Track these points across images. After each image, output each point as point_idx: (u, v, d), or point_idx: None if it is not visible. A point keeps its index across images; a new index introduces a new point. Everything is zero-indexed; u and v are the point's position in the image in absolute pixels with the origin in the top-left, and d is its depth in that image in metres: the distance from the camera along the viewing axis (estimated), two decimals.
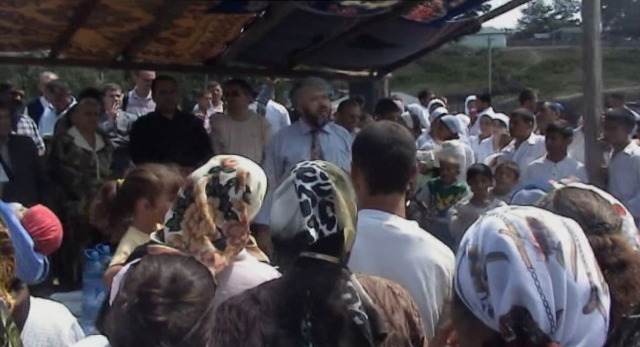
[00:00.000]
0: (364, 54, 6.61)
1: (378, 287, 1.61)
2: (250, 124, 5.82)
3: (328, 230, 1.51)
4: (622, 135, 5.06)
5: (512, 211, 1.18)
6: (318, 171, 1.58)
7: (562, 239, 1.11)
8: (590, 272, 1.12)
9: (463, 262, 1.16)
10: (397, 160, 2.05)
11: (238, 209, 1.87)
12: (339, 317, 1.46)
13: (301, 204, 1.52)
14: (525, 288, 1.06)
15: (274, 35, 5.47)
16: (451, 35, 6.82)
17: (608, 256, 1.37)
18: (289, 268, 1.54)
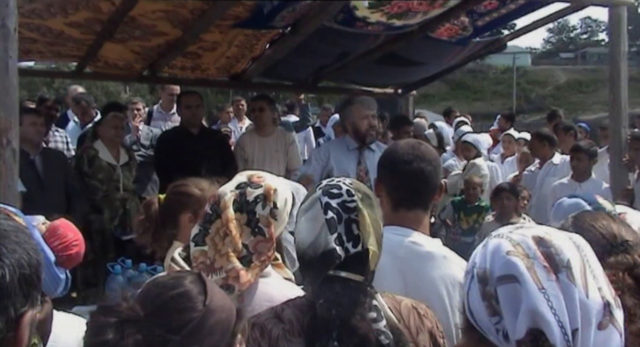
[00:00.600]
0: (389, 71, 6.62)
1: (403, 307, 1.60)
2: (274, 140, 5.86)
3: (353, 248, 1.50)
4: None
5: (517, 230, 1.16)
6: (344, 188, 1.57)
7: (570, 256, 1.10)
8: (602, 287, 1.10)
9: (473, 286, 1.15)
10: (418, 176, 2.05)
11: (265, 225, 1.87)
12: (365, 336, 1.44)
13: (327, 221, 1.51)
14: (538, 310, 1.04)
15: (300, 51, 5.51)
16: (477, 53, 6.81)
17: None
18: (314, 286, 1.53)
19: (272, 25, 4.92)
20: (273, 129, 5.99)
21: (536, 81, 67.08)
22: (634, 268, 1.38)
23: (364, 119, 4.67)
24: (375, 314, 1.48)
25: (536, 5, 5.25)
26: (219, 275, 1.81)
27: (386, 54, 5.96)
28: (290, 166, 5.87)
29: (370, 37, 5.48)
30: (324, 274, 1.49)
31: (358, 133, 4.70)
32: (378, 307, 1.50)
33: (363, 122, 4.67)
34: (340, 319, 1.45)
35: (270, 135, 5.87)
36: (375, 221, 1.56)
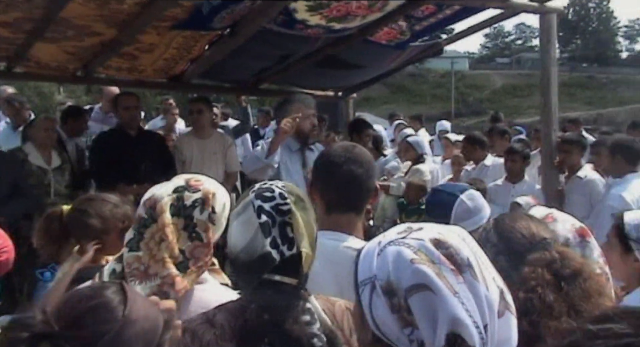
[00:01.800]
0: (329, 74, 6.66)
1: (337, 308, 1.60)
2: (213, 142, 5.79)
3: (288, 251, 1.49)
4: (576, 158, 5.19)
5: (410, 235, 1.14)
6: (277, 191, 1.56)
7: (466, 253, 1.10)
8: (494, 276, 1.11)
9: (377, 299, 1.11)
10: (350, 179, 2.04)
11: (203, 230, 1.83)
12: (298, 340, 1.43)
13: (261, 224, 1.50)
14: (456, 315, 1.04)
15: (240, 53, 5.47)
16: (415, 57, 6.92)
17: (561, 267, 1.40)
18: (247, 290, 1.52)
19: (211, 27, 4.87)
20: (211, 132, 5.93)
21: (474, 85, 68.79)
22: (552, 264, 1.41)
23: (306, 119, 4.55)
24: (308, 317, 1.47)
25: (471, 11, 5.38)
26: (154, 281, 1.76)
27: (326, 56, 6.00)
28: (229, 169, 5.81)
29: (311, 39, 5.50)
30: (259, 278, 1.48)
31: (301, 133, 4.57)
32: (312, 310, 1.49)
33: (305, 122, 4.55)
34: (273, 323, 1.43)
35: (208, 137, 5.80)
36: (309, 223, 1.55)
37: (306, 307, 1.49)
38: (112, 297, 1.17)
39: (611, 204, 4.34)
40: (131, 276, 1.77)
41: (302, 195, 1.61)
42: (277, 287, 1.48)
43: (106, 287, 1.20)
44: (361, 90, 7.93)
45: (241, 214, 1.55)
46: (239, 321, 1.47)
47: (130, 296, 1.20)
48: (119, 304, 1.16)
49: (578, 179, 5.16)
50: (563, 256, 1.44)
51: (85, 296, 1.18)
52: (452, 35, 7.13)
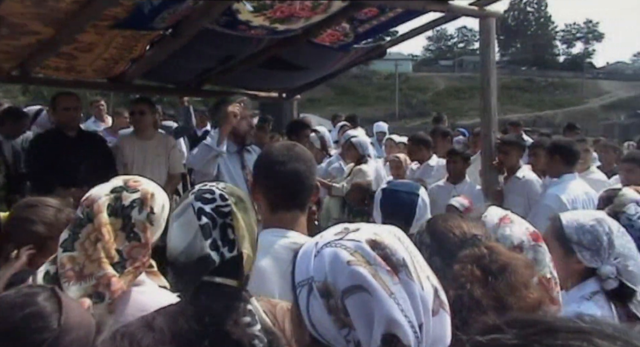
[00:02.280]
0: (273, 75, 6.65)
1: (278, 310, 1.60)
2: (155, 144, 5.70)
3: (229, 253, 1.48)
4: (514, 159, 5.32)
5: (347, 236, 1.15)
6: (217, 193, 1.55)
7: (402, 253, 1.12)
8: (429, 275, 1.13)
9: (314, 301, 1.11)
10: (294, 177, 2.08)
11: (141, 230, 1.82)
12: (238, 342, 1.42)
13: (201, 226, 1.49)
14: (393, 316, 1.05)
15: (182, 54, 5.40)
16: (359, 59, 6.98)
17: (489, 262, 1.42)
18: (187, 293, 1.50)
19: (152, 27, 4.80)
20: (153, 133, 5.83)
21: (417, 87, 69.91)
22: (481, 259, 1.43)
23: (242, 120, 4.52)
24: (249, 319, 1.47)
25: (413, 14, 5.46)
26: (89, 282, 1.74)
27: (270, 58, 5.99)
28: (172, 171, 5.73)
29: (254, 40, 5.48)
30: (199, 281, 1.47)
31: (238, 135, 4.54)
32: (253, 312, 1.49)
33: (242, 123, 4.51)
34: (213, 325, 1.42)
35: (150, 139, 5.70)
36: (250, 224, 1.55)
37: (247, 308, 1.48)
38: (45, 304, 1.14)
39: (548, 204, 4.46)
40: (65, 277, 1.73)
41: (243, 196, 1.60)
42: (218, 289, 1.47)
43: (37, 294, 1.17)
44: (305, 92, 7.95)
45: (181, 216, 1.53)
46: (178, 324, 1.45)
47: (64, 302, 1.17)
48: (53, 312, 1.13)
49: (516, 179, 5.29)
50: (491, 251, 1.46)
51: (17, 305, 1.14)
52: (395, 38, 7.22)
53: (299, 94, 7.73)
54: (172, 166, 5.74)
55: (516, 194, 5.22)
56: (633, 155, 4.95)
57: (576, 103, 68.78)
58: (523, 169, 5.35)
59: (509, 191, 5.28)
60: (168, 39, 5.14)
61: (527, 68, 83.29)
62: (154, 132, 5.89)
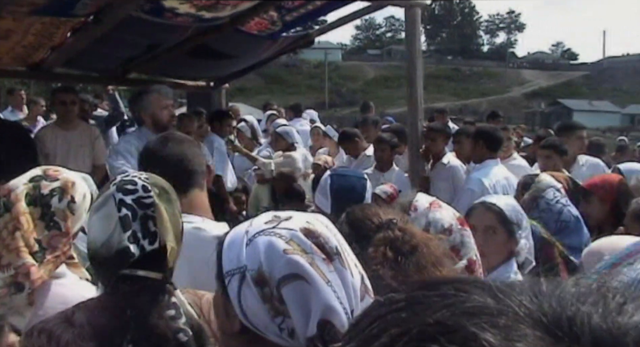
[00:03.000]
0: (201, 64, 6.56)
1: (204, 302, 1.58)
2: (79, 134, 5.57)
3: (150, 245, 1.45)
4: (440, 146, 5.46)
5: (280, 224, 1.15)
6: (140, 183, 1.51)
7: (334, 241, 1.14)
8: (356, 263, 1.16)
9: (245, 289, 1.11)
10: (175, 160, 2.09)
11: (62, 219, 1.78)
12: (162, 335, 1.40)
13: (121, 218, 1.45)
14: (330, 304, 1.07)
15: (106, 41, 5.25)
16: (287, 48, 6.97)
17: (400, 244, 1.47)
18: (109, 287, 1.47)
19: (74, 14, 4.64)
20: (77, 123, 5.67)
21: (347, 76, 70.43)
22: (394, 241, 1.48)
23: (164, 109, 4.39)
24: (174, 312, 1.44)
25: (340, 3, 5.49)
26: (7, 272, 1.69)
27: (197, 46, 5.90)
28: (96, 161, 5.60)
29: (180, 28, 5.38)
30: (118, 274, 1.43)
31: (159, 124, 4.40)
32: (177, 305, 1.47)
33: (164, 113, 4.39)
34: (136, 319, 1.40)
35: (74, 129, 5.55)
36: (174, 215, 1.52)
37: (171, 301, 1.46)
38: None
39: (471, 188, 4.59)
40: None
41: (167, 187, 1.58)
42: (141, 282, 1.44)
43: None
44: (234, 81, 7.89)
45: (101, 208, 1.49)
46: (99, 319, 1.42)
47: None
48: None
49: (442, 165, 5.43)
50: (404, 233, 1.50)
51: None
52: (323, 27, 7.25)
53: (227, 82, 7.66)
54: (96, 157, 5.62)
55: (442, 180, 5.35)
56: (551, 142, 5.14)
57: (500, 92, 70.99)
58: (448, 156, 5.49)
59: (434, 177, 5.40)
60: (90, 26, 4.98)
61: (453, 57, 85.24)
62: (78, 122, 5.74)
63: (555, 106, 60.25)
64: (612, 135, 32.26)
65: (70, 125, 5.56)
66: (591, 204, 3.57)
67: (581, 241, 3.13)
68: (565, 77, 78.79)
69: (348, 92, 63.37)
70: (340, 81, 67.14)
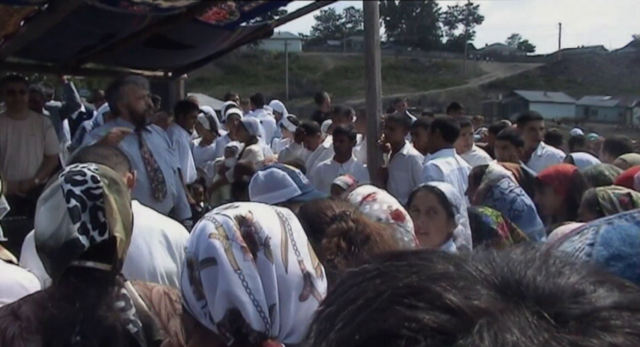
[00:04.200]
0: (158, 54, 6.48)
1: (154, 293, 1.57)
2: (29, 124, 5.45)
3: (100, 236, 1.44)
4: (399, 136, 5.50)
5: (224, 210, 1.17)
6: (89, 174, 1.49)
7: (270, 233, 1.13)
8: (303, 260, 1.15)
9: (184, 272, 1.14)
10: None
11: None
12: (111, 327, 1.39)
13: (70, 209, 1.43)
14: (233, 291, 1.07)
15: (60, 30, 5.15)
16: (246, 38, 6.93)
17: (354, 235, 1.48)
18: (57, 279, 1.44)
19: (26, 2, 4.54)
20: (27, 113, 5.56)
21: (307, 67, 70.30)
22: (347, 232, 1.49)
23: (140, 100, 4.34)
24: (123, 303, 1.44)
25: None
26: None
27: (154, 36, 5.83)
28: (48, 151, 5.50)
29: (136, 18, 5.31)
30: (67, 265, 1.41)
31: (135, 114, 4.36)
32: (127, 296, 1.46)
33: (140, 103, 4.34)
34: (84, 311, 1.38)
35: (24, 118, 5.44)
36: (124, 206, 1.51)
37: (121, 293, 1.45)
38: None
39: (430, 175, 4.60)
40: None
41: (117, 178, 1.56)
42: (89, 273, 1.43)
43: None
44: (193, 71, 7.81)
45: (49, 199, 1.47)
46: (46, 312, 1.40)
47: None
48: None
49: (401, 156, 5.47)
50: (357, 224, 1.52)
51: None
52: (283, 17, 7.23)
53: (186, 73, 7.59)
54: (47, 147, 5.52)
55: (401, 170, 5.40)
56: (507, 133, 5.23)
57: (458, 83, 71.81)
58: (407, 146, 5.53)
59: (393, 168, 5.45)
60: (44, 15, 4.87)
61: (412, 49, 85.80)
62: (28, 112, 5.62)
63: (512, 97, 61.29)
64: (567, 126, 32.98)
65: (20, 114, 5.44)
66: (545, 194, 3.64)
67: (534, 230, 3.21)
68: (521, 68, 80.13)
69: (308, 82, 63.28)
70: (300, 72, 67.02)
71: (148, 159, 4.30)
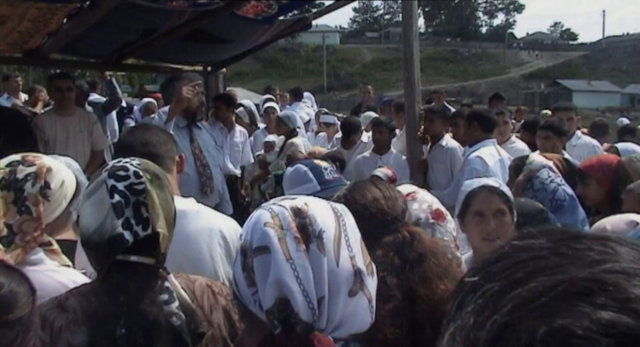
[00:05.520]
0: (197, 48, 6.54)
1: (197, 286, 1.59)
2: (77, 120, 5.59)
3: (143, 231, 1.45)
4: (439, 127, 5.45)
5: (280, 201, 1.19)
6: (132, 170, 1.51)
7: (324, 226, 1.13)
8: (354, 256, 1.15)
9: (237, 258, 1.16)
10: (145, 142, 2.14)
11: (33, 203, 1.78)
12: (155, 320, 1.41)
13: (113, 205, 1.44)
14: (284, 280, 1.07)
15: (102, 27, 5.24)
16: (284, 31, 6.94)
17: (409, 251, 1.44)
18: (102, 273, 1.47)
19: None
20: (75, 109, 5.70)
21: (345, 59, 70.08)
22: (402, 247, 1.46)
23: (195, 97, 4.43)
24: (167, 296, 1.45)
25: None
26: None
27: (194, 31, 5.88)
28: (94, 147, 5.62)
29: (175, 13, 5.36)
30: (111, 260, 1.43)
31: (188, 110, 4.47)
32: (170, 289, 1.47)
33: (194, 100, 4.43)
34: (129, 304, 1.40)
35: (72, 115, 5.57)
36: (166, 201, 1.52)
37: (164, 286, 1.47)
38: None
39: (475, 168, 4.54)
40: None
41: (159, 172, 1.57)
42: (133, 267, 1.45)
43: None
44: (232, 65, 7.86)
45: (93, 194, 1.48)
46: (92, 304, 1.43)
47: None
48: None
49: (440, 147, 5.42)
50: (413, 237, 1.49)
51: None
52: (320, 9, 7.20)
53: (224, 67, 7.64)
54: (94, 142, 5.65)
55: (439, 162, 5.35)
56: (550, 123, 5.13)
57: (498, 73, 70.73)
58: (446, 138, 5.48)
59: (432, 159, 5.40)
60: (86, 12, 4.96)
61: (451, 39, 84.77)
62: (75, 108, 5.76)
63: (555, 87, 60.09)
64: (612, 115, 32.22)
65: (68, 111, 5.59)
66: (588, 185, 3.55)
67: (576, 220, 3.15)
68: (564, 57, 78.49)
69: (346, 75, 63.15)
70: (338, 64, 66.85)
71: (198, 155, 4.39)
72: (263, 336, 1.10)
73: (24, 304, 1.35)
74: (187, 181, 4.27)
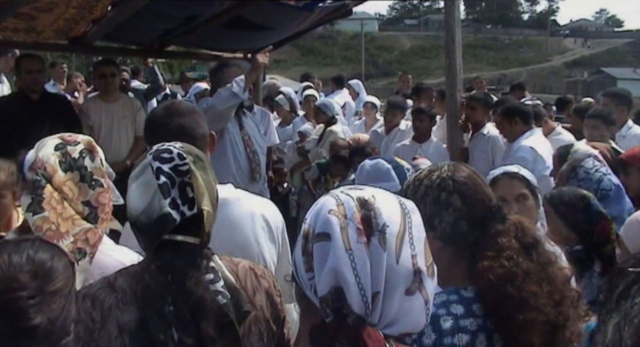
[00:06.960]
0: (238, 35, 6.57)
1: (240, 268, 1.61)
2: (121, 106, 5.69)
3: (189, 210, 1.48)
4: (481, 115, 5.39)
5: (348, 190, 1.18)
6: (175, 152, 1.54)
7: (389, 221, 1.12)
8: (416, 255, 1.13)
9: (299, 242, 1.17)
10: (179, 130, 2.10)
11: (100, 176, 1.87)
12: (201, 298, 1.43)
13: (160, 186, 1.47)
14: (340, 270, 1.07)
15: (144, 14, 5.29)
16: (324, 19, 6.92)
17: (522, 237, 1.50)
18: (149, 252, 1.50)
19: None
20: (119, 95, 5.79)
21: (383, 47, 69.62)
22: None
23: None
24: (212, 276, 1.48)
25: None
26: (67, 240, 1.77)
27: (234, 18, 5.91)
28: (138, 133, 5.70)
29: (217, 1, 5.40)
30: (159, 239, 1.46)
31: None
32: (215, 269, 1.50)
33: None
34: (175, 283, 1.43)
35: (116, 101, 5.68)
36: (209, 182, 1.55)
37: (210, 265, 1.49)
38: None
39: (523, 156, 4.47)
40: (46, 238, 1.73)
41: (201, 155, 1.59)
42: (179, 247, 1.47)
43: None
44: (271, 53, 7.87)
45: (140, 177, 1.52)
46: (140, 284, 1.46)
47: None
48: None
49: (482, 135, 5.37)
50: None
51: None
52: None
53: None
54: (138, 128, 5.71)
55: (480, 150, 5.30)
56: (598, 112, 5.02)
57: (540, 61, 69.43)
58: (488, 126, 5.42)
59: (474, 148, 5.35)
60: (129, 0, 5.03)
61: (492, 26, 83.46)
62: (119, 94, 5.86)
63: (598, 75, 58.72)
64: None
65: (112, 97, 5.69)
66: (630, 175, 3.49)
67: (623, 210, 3.09)
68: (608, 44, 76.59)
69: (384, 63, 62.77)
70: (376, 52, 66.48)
71: (247, 141, 4.44)
72: (315, 322, 1.10)
73: (64, 276, 1.43)
74: (239, 168, 4.33)
